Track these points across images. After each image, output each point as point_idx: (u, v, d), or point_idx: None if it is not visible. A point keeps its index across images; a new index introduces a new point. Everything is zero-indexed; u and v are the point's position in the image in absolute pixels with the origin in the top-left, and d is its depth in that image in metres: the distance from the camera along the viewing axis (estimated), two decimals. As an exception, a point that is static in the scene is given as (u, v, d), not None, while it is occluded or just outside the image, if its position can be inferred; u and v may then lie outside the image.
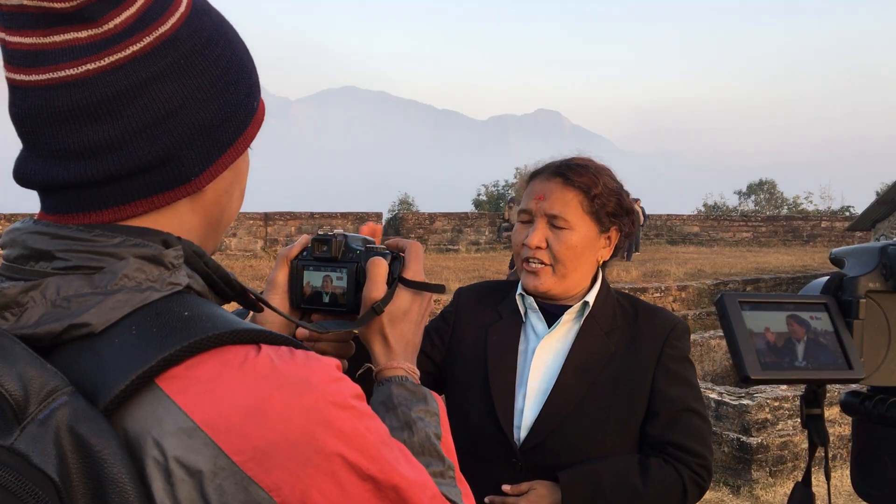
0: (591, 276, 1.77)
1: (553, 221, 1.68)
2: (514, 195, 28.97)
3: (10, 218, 17.65)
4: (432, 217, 24.34)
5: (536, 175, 1.78)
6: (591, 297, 1.74)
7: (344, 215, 22.42)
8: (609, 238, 1.76)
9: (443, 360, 1.81)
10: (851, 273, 0.91)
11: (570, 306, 1.74)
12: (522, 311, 1.78)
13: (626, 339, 1.71)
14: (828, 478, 0.88)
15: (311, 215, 21.86)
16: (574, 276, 1.71)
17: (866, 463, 0.92)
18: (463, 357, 1.77)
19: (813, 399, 0.91)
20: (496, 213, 27.23)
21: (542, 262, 1.69)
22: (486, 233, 24.89)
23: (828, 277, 0.92)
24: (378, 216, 23.22)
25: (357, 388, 0.70)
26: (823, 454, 0.90)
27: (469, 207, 36.47)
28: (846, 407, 0.94)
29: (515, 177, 36.15)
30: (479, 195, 37.66)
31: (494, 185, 37.60)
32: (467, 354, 1.77)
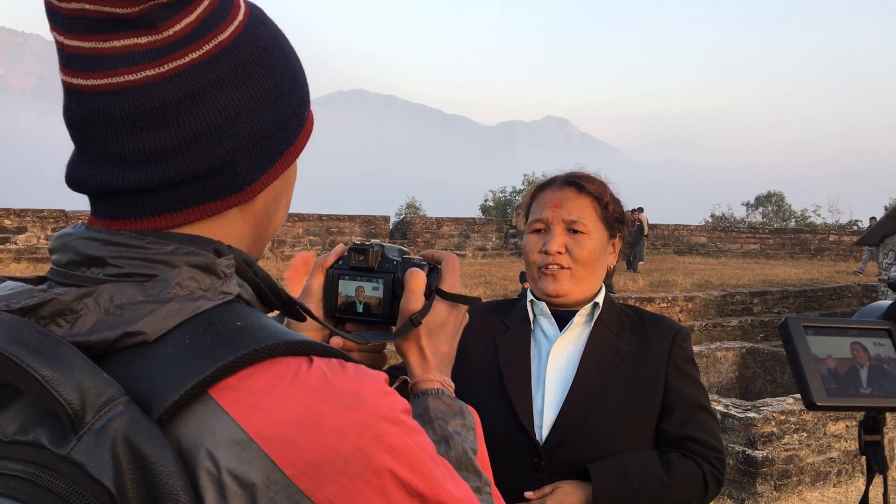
0: (601, 282, 1.84)
1: (572, 227, 1.75)
2: (521, 202, 28.90)
3: (19, 213, 17.71)
4: (439, 222, 24.34)
5: (546, 187, 1.85)
6: (599, 299, 1.81)
7: (351, 218, 22.45)
8: (614, 245, 1.85)
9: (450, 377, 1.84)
10: None
11: (579, 311, 1.80)
12: (531, 318, 1.83)
13: (635, 341, 1.78)
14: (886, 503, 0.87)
15: (319, 217, 21.89)
16: (590, 279, 1.78)
17: None
18: (472, 369, 1.80)
19: (872, 425, 0.89)
20: (503, 219, 27.24)
21: (561, 267, 1.74)
22: (493, 238, 24.88)
23: (890, 303, 0.90)
24: (385, 220, 23.23)
25: (405, 403, 0.70)
26: (883, 483, 0.89)
27: (476, 213, 36.48)
28: None
29: (523, 183, 36.12)
30: (486, 201, 37.70)
31: (502, 191, 37.64)
32: (477, 366, 1.80)
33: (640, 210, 22.09)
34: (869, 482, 0.90)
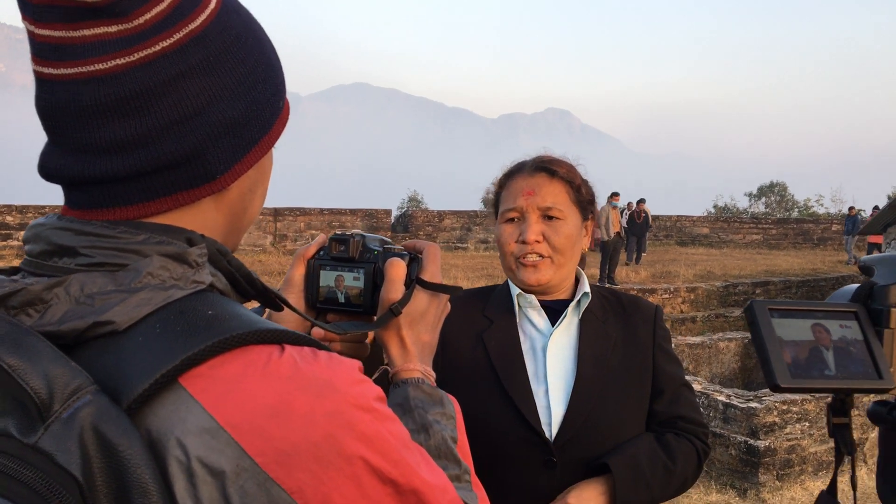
0: (575, 266, 1.81)
1: (547, 213, 1.72)
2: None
3: (21, 209, 17.75)
4: (441, 215, 24.34)
5: (515, 174, 1.81)
6: (587, 288, 1.79)
7: (353, 211, 22.46)
8: (587, 227, 1.82)
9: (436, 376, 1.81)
10: (882, 281, 0.90)
11: (563, 300, 1.78)
12: (517, 311, 1.78)
13: (620, 326, 1.77)
14: (854, 488, 0.87)
15: (321, 211, 21.91)
16: (569, 265, 1.76)
17: (892, 472, 0.91)
18: (462, 369, 1.75)
19: (840, 408, 0.90)
20: (505, 211, 27.16)
21: (540, 256, 1.71)
22: (495, 231, 24.84)
23: (857, 286, 0.91)
24: (387, 213, 23.24)
25: (379, 391, 0.70)
26: (850, 464, 0.89)
27: (478, 206, 36.46)
28: (873, 416, 0.92)
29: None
30: (488, 194, 37.67)
31: (504, 184, 37.59)
32: (466, 365, 1.75)
33: (642, 202, 22.02)
34: (838, 465, 0.90)
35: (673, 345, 1.86)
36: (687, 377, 1.84)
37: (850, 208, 25.79)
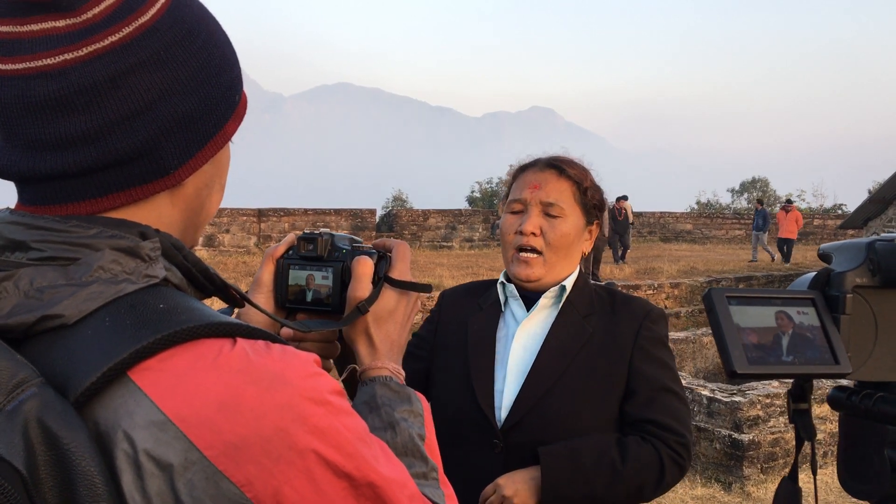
0: (574, 267, 1.84)
1: (548, 209, 1.75)
2: (503, 182, 28.99)
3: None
4: (426, 214, 24.33)
5: (527, 168, 1.85)
6: (568, 282, 1.81)
7: (338, 212, 22.40)
8: (591, 231, 1.85)
9: (430, 358, 1.88)
10: (839, 268, 0.91)
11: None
12: (502, 300, 1.85)
13: (602, 323, 1.77)
14: (814, 473, 0.88)
15: (305, 211, 21.83)
16: (563, 264, 1.79)
17: (852, 458, 0.93)
18: (445, 349, 1.84)
19: (800, 394, 0.91)
20: (490, 209, 27.23)
21: (534, 250, 1.75)
22: (480, 230, 24.88)
23: (815, 273, 0.92)
24: (372, 213, 23.20)
25: (336, 384, 0.69)
26: (810, 449, 0.90)
27: (463, 204, 36.55)
28: (833, 402, 0.94)
29: (509, 174, 36.30)
30: (472, 192, 37.78)
31: (488, 182, 37.70)
32: (449, 346, 1.84)
33: (625, 198, 22.02)
34: (798, 450, 0.91)
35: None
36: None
37: (758, 202, 24.72)
